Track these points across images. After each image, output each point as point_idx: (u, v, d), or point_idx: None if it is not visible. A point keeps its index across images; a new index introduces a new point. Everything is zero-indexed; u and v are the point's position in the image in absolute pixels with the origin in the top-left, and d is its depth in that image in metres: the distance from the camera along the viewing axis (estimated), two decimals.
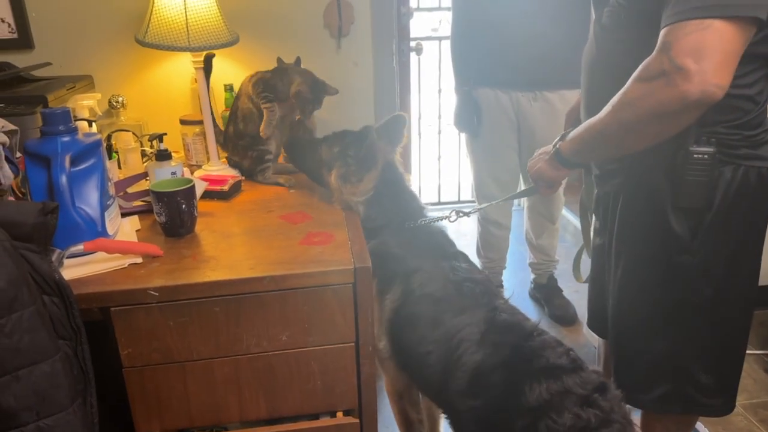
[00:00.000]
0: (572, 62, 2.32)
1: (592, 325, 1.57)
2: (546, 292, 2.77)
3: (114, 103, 1.98)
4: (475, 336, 1.24)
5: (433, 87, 3.82)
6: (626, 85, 1.07)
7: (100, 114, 1.90)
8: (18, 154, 1.38)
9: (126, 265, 1.27)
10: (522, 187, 2.64)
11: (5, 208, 1.10)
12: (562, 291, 2.76)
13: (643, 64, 1.04)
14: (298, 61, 1.94)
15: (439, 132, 3.89)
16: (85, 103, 1.77)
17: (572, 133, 1.24)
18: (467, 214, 1.63)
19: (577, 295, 2.75)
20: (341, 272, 1.27)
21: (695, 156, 1.13)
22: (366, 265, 1.28)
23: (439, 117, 3.85)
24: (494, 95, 2.36)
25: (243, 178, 1.83)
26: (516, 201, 3.48)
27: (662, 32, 1.01)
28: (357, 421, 1.36)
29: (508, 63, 2.30)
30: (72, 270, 1.25)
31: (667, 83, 0.99)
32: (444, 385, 1.27)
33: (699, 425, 1.99)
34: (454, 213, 1.61)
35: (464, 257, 1.50)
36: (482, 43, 2.32)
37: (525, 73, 2.29)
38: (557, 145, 1.28)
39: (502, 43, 2.28)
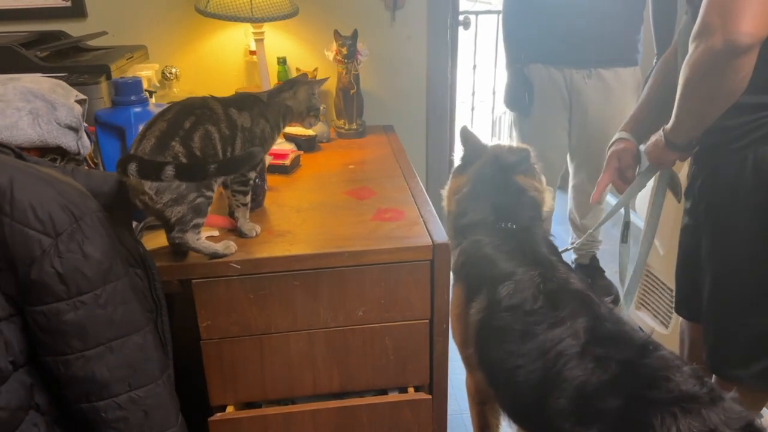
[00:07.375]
0: (628, 38, 2.30)
1: (680, 310, 1.51)
2: (588, 272, 2.74)
3: (168, 74, 1.95)
4: (574, 349, 1.10)
5: (483, 62, 3.74)
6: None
7: (156, 84, 1.89)
8: (84, 124, 1.37)
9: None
10: (570, 167, 2.60)
11: (92, 179, 1.09)
12: (604, 272, 2.73)
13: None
14: (355, 33, 1.91)
15: (493, 109, 3.83)
16: (143, 74, 1.75)
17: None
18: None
19: (618, 276, 2.71)
20: (419, 249, 1.26)
21: None
22: (444, 242, 1.27)
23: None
24: (547, 72, 2.30)
25: (301, 152, 1.80)
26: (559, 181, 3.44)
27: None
28: (429, 397, 1.36)
29: (563, 39, 2.24)
30: (149, 241, 1.24)
31: (699, 42, 1.06)
32: (539, 404, 1.14)
33: None
34: None
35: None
36: (536, 18, 2.26)
37: (579, 49, 2.23)
38: (664, 129, 1.26)
39: (556, 18, 2.22)
